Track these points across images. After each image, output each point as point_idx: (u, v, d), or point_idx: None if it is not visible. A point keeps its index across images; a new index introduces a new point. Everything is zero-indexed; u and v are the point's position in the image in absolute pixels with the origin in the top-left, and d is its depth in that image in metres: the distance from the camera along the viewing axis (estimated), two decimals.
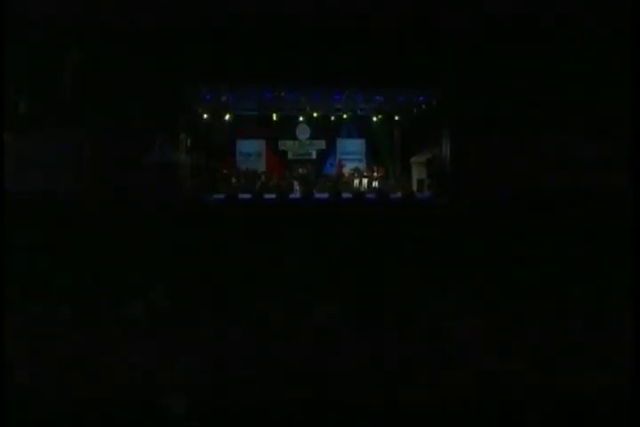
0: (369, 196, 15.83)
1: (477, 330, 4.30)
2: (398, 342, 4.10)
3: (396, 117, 18.27)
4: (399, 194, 16.20)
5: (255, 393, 3.36)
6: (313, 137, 18.75)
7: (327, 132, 18.69)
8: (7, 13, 9.20)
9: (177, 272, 6.44)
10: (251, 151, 18.78)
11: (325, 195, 15.62)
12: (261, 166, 18.49)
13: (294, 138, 18.70)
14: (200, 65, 14.21)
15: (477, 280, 5.86)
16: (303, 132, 18.64)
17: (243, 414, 3.17)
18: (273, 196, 15.22)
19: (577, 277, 6.05)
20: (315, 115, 17.31)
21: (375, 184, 17.58)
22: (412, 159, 18.19)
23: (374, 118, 18.39)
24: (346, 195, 15.56)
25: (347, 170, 18.42)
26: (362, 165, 18.68)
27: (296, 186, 17.04)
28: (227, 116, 17.09)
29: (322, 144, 18.96)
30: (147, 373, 3.60)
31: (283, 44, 15.20)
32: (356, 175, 17.91)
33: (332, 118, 17.98)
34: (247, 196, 15.11)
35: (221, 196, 15.12)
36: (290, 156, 18.77)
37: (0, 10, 8.61)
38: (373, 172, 17.94)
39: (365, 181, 17.67)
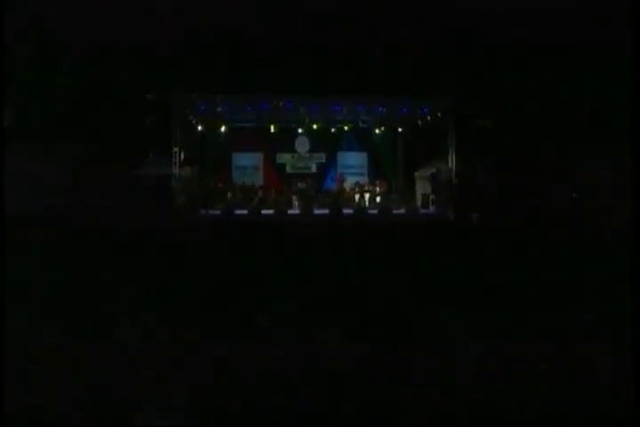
0: (371, 212, 15.71)
1: (488, 354, 4.19)
2: (403, 366, 4.00)
3: (400, 130, 18.22)
4: (403, 210, 16.11)
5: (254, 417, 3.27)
6: (312, 150, 18.62)
7: (327, 144, 18.58)
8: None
9: (169, 293, 6.27)
10: (247, 165, 18.65)
11: (326, 211, 15.48)
12: (258, 181, 18.34)
13: (293, 151, 18.57)
14: (194, 75, 14.23)
15: (488, 301, 5.74)
16: (302, 144, 18.51)
17: None
18: (271, 211, 15.12)
19: (591, 295, 6.02)
20: (314, 127, 17.18)
21: (378, 199, 17.46)
22: (416, 173, 18.10)
23: (376, 131, 18.28)
24: (347, 211, 15.45)
25: (348, 184, 18.24)
26: (363, 180, 18.55)
27: (295, 201, 16.87)
28: (222, 128, 16.98)
29: (322, 157, 18.85)
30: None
31: (281, 53, 15.27)
32: (358, 190, 17.74)
33: (333, 130, 17.85)
34: (243, 211, 14.99)
35: (217, 211, 15.02)
36: (288, 169, 18.65)
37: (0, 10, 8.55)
38: (376, 186, 17.81)
39: (367, 196, 17.51)
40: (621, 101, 10.90)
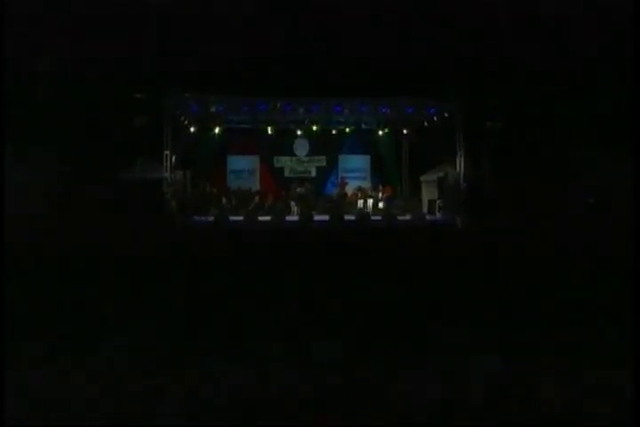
0: (374, 218, 15.35)
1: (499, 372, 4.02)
2: (407, 383, 3.81)
3: (404, 131, 17.88)
4: (408, 216, 15.74)
5: None
6: (312, 153, 18.39)
7: (328, 147, 18.32)
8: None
9: (159, 305, 5.98)
10: (243, 168, 18.39)
11: (326, 217, 15.14)
12: (255, 185, 18.08)
13: (292, 154, 18.34)
14: (187, 73, 13.95)
15: (497, 315, 5.48)
16: (301, 147, 18.28)
17: None
18: (268, 218, 14.85)
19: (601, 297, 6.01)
20: (314, 128, 16.83)
21: (381, 205, 17.12)
22: (422, 177, 17.80)
23: (380, 132, 17.95)
24: (349, 217, 15.10)
25: (350, 189, 17.97)
26: (366, 184, 18.27)
27: (293, 207, 16.61)
28: (216, 130, 16.62)
29: (322, 161, 18.59)
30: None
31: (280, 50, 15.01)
32: (360, 195, 17.44)
33: (334, 132, 17.57)
34: (239, 218, 14.74)
35: (210, 218, 14.72)
36: (287, 173, 18.40)
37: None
38: (379, 191, 17.50)
39: (370, 201, 17.20)
40: (632, 100, 10.74)
